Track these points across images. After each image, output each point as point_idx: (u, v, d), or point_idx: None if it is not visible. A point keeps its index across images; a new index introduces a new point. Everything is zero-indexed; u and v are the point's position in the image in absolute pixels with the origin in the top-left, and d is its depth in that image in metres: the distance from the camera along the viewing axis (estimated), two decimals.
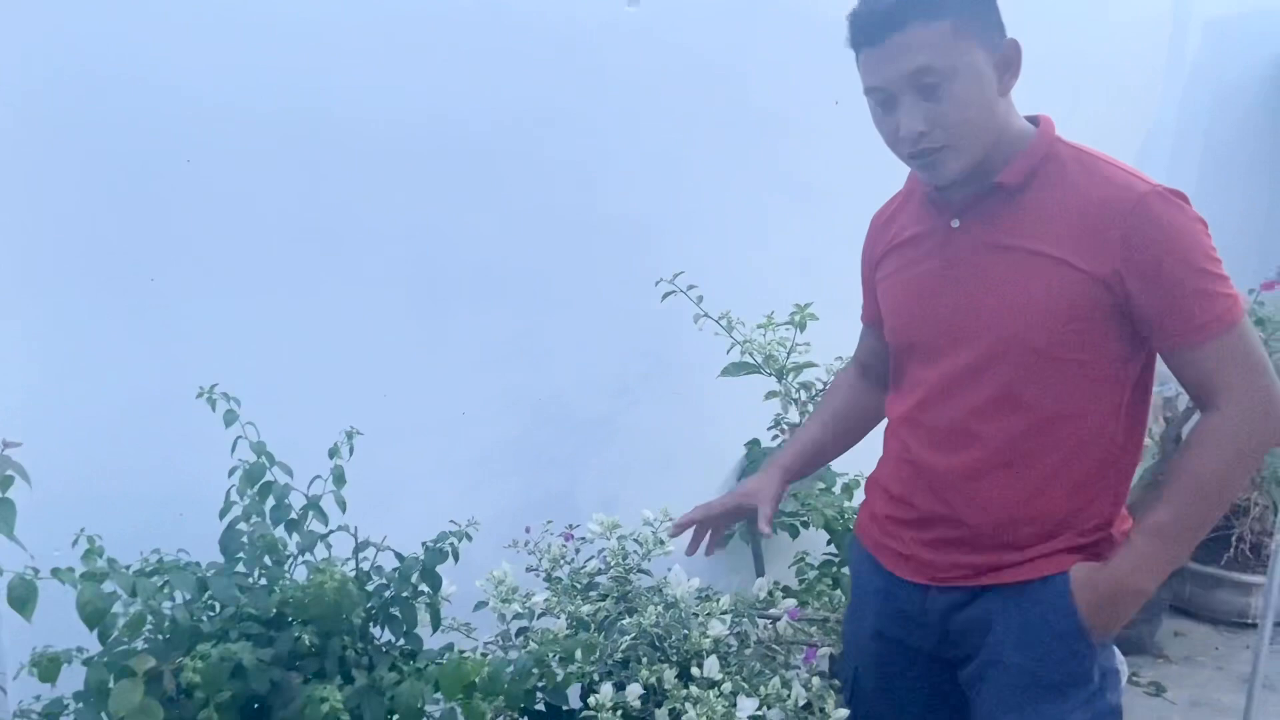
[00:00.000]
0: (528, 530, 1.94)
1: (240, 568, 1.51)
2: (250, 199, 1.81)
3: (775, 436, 2.44)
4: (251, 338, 1.83)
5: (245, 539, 1.49)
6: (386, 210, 1.96)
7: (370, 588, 1.58)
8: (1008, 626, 1.37)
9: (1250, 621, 3.26)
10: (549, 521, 1.99)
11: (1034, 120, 1.35)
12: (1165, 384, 1.37)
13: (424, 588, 1.59)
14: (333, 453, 1.58)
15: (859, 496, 2.37)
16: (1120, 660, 2.21)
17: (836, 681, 1.66)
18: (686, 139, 2.33)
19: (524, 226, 2.14)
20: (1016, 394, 1.32)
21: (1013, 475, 1.34)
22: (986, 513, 1.36)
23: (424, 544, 1.61)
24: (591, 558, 1.91)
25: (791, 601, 1.79)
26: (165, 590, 1.39)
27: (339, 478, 1.57)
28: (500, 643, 1.79)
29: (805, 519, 2.34)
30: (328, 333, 1.92)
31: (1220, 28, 3.50)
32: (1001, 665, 1.37)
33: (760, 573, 2.37)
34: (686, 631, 1.65)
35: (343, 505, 1.57)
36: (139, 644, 1.41)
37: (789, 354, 2.22)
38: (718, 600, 1.72)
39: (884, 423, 1.55)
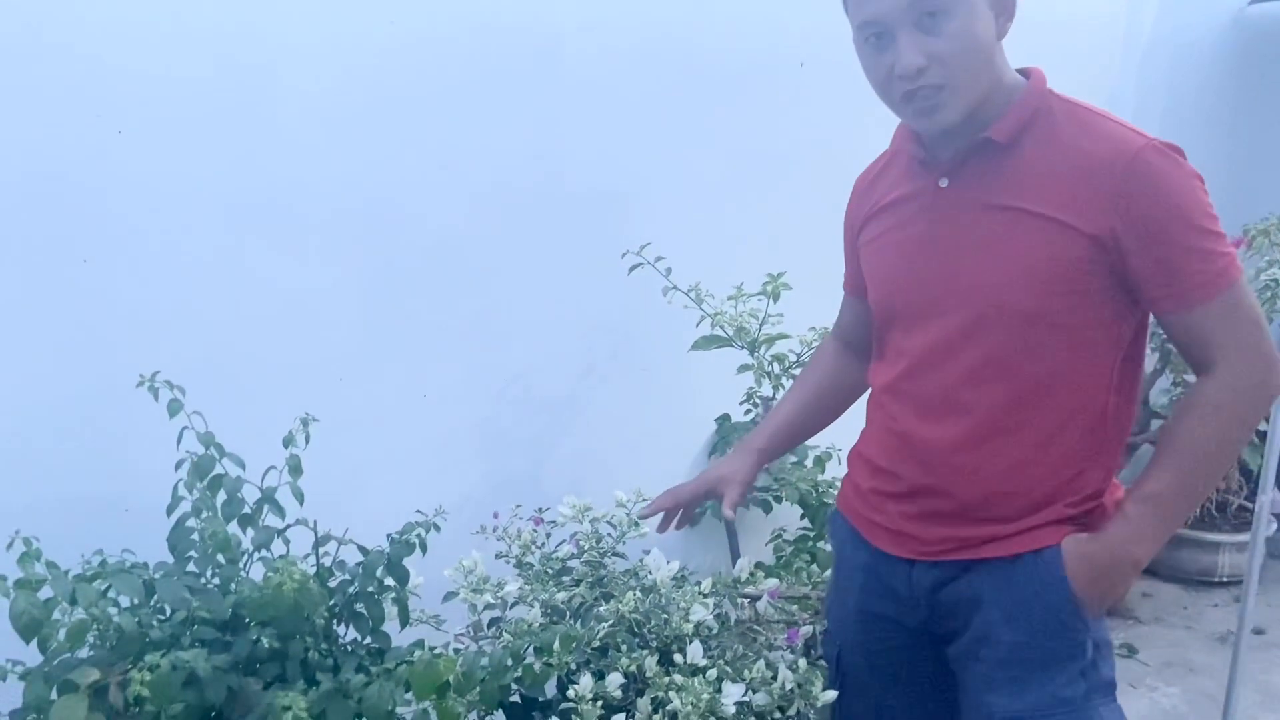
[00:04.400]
0: (496, 516, 1.88)
1: (191, 568, 1.42)
2: (190, 172, 1.70)
3: (748, 411, 2.39)
4: (196, 321, 1.73)
5: (196, 537, 1.40)
6: (339, 184, 1.86)
7: (333, 584, 1.50)
8: (999, 602, 1.33)
9: (1217, 580, 3.30)
10: (517, 506, 1.92)
11: (1024, 73, 1.29)
12: None
13: (390, 582, 1.51)
14: (287, 442, 1.49)
15: (832, 469, 2.33)
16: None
17: (823, 662, 1.62)
18: (649, 109, 2.26)
19: (483, 201, 2.05)
20: (1006, 360, 1.27)
21: (1002, 445, 1.30)
22: (975, 484, 1.32)
23: (389, 536, 1.53)
24: (563, 542, 1.85)
25: (774, 581, 1.74)
26: (109, 595, 1.29)
27: (295, 468, 1.48)
28: (471, 633, 1.72)
29: (779, 494, 2.29)
30: (278, 314, 1.83)
31: None
32: (993, 642, 1.34)
33: (735, 550, 2.33)
34: (667, 616, 1.59)
35: (300, 497, 1.49)
36: (83, 654, 1.32)
37: (761, 325, 2.17)
38: (698, 583, 1.67)
39: (865, 393, 1.50)
